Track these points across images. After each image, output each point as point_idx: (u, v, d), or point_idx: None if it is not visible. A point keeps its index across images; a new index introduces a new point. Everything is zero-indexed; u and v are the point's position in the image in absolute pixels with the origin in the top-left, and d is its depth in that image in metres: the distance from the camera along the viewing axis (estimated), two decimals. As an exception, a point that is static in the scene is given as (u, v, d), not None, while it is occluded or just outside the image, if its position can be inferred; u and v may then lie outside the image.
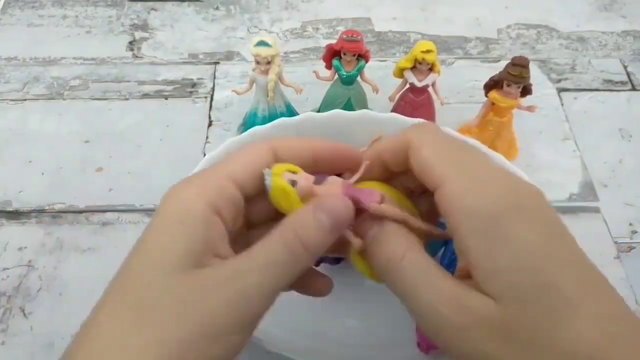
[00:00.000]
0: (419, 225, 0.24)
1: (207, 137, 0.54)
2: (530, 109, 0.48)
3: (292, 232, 0.21)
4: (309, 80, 0.51)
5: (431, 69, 0.48)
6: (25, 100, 0.57)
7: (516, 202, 0.20)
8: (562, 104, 0.57)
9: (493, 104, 0.48)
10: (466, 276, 0.21)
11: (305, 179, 0.23)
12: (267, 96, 0.49)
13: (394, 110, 0.51)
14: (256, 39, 0.46)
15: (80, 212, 0.48)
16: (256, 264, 0.20)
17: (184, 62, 0.61)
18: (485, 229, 0.19)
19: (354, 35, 0.46)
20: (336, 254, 0.24)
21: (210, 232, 0.20)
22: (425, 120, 0.25)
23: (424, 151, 0.22)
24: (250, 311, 0.20)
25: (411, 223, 0.23)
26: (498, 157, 0.44)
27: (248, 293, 0.19)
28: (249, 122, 0.51)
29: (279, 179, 0.23)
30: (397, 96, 0.51)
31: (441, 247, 0.44)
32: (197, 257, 0.19)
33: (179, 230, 0.20)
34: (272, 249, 0.20)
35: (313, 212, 0.21)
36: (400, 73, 0.49)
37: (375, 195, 0.23)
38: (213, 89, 0.58)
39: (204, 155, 0.52)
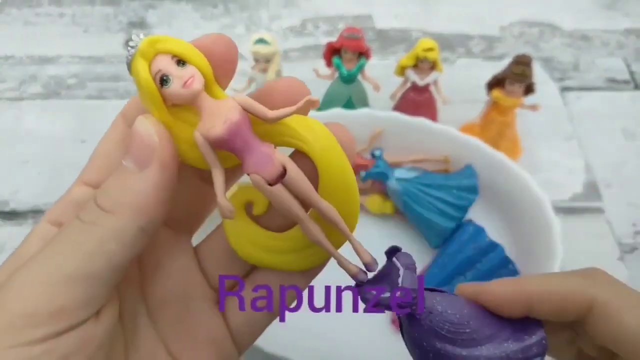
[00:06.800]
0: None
1: (205, 137, 0.53)
2: (533, 107, 0.48)
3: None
4: (308, 79, 0.51)
5: (433, 67, 0.47)
6: (21, 99, 0.57)
7: None
8: (565, 103, 0.57)
9: (496, 102, 0.48)
10: None
11: (191, 80, 0.16)
12: (267, 95, 0.49)
13: (395, 108, 0.51)
14: (255, 37, 0.46)
15: (77, 212, 0.48)
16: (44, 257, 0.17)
17: (182, 61, 0.60)
18: None
19: (355, 33, 0.46)
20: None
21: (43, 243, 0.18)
22: (598, 269, 0.20)
23: (627, 318, 0.18)
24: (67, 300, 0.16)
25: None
26: (500, 156, 0.44)
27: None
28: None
29: (143, 66, 0.16)
30: (399, 95, 0.50)
31: (443, 242, 0.43)
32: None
33: (14, 253, 0.19)
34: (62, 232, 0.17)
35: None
36: (401, 71, 0.49)
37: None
38: (212, 87, 0.58)
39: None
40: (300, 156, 0.18)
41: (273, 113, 0.17)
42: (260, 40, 0.46)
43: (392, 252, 0.19)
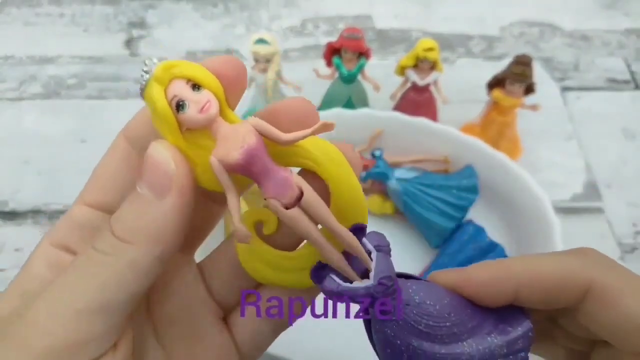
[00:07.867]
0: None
1: (205, 137, 0.53)
2: (533, 107, 0.48)
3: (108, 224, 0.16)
4: (309, 79, 0.51)
5: (433, 67, 0.47)
6: (21, 99, 0.57)
7: None
8: (565, 103, 0.57)
9: (496, 102, 0.48)
10: None
11: (208, 105, 0.16)
12: (266, 95, 0.49)
13: (395, 108, 0.51)
14: (255, 37, 0.46)
15: (77, 212, 0.48)
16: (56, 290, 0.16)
17: (182, 61, 0.60)
18: None
19: (355, 33, 0.46)
20: None
21: (48, 267, 0.18)
22: (590, 248, 0.19)
23: (627, 302, 0.16)
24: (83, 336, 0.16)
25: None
26: (501, 156, 0.44)
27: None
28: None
29: (159, 91, 0.16)
30: (399, 95, 0.50)
31: (443, 241, 0.43)
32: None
33: (20, 276, 0.18)
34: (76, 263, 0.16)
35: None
36: (401, 71, 0.49)
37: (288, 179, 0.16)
38: (212, 87, 0.58)
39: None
40: (306, 174, 0.18)
41: (288, 136, 0.17)
42: (260, 41, 0.46)
43: (357, 230, 0.17)
